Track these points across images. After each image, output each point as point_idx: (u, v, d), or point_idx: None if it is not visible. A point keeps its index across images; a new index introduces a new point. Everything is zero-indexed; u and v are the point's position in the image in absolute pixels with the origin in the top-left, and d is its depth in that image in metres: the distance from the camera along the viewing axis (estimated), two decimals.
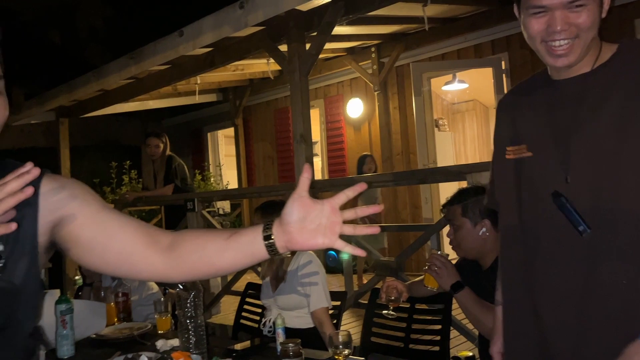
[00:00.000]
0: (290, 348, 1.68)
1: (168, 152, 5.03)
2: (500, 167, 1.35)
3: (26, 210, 0.89)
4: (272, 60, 5.39)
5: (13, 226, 0.76)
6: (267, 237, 0.92)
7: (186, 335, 1.97)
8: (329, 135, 6.78)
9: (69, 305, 2.33)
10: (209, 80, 6.33)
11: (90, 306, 2.58)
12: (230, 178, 8.48)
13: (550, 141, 1.22)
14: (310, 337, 2.40)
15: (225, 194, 5.77)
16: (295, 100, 3.63)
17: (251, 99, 7.67)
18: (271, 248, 0.92)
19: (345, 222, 0.91)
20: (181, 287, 1.96)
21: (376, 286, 2.93)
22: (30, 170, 0.74)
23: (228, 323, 4.00)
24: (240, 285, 4.36)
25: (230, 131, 8.12)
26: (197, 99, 6.64)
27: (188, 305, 1.95)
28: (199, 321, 2.00)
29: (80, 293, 3.84)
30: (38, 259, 0.92)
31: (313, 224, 0.90)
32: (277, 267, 2.59)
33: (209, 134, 8.95)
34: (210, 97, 7.65)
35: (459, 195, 2.04)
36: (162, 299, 2.70)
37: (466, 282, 1.98)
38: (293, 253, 2.61)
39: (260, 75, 6.74)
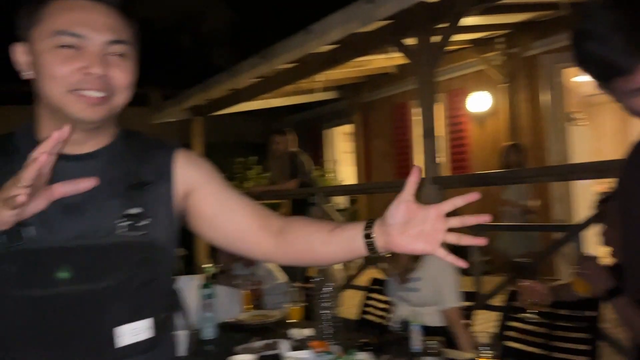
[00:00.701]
0: (432, 346, 1.64)
1: (293, 148, 5.19)
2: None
3: (163, 178, 0.99)
4: (393, 55, 5.34)
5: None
6: (367, 236, 0.94)
7: (324, 326, 2.01)
8: (451, 130, 6.57)
9: (212, 290, 2.48)
10: (330, 77, 6.42)
11: (229, 292, 2.72)
12: (346, 175, 8.57)
13: None
14: (440, 336, 2.33)
15: (347, 189, 5.82)
16: (422, 94, 3.56)
17: (369, 96, 7.66)
18: (370, 247, 0.94)
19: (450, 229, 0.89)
20: (320, 277, 2.00)
21: (512, 288, 2.77)
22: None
23: (349, 317, 4.02)
24: (361, 280, 4.38)
25: (347, 128, 8.18)
26: (318, 96, 6.77)
27: (326, 295, 1.99)
28: (336, 312, 2.02)
29: (214, 279, 4.10)
30: (174, 223, 1.00)
31: (415, 228, 0.90)
32: (407, 263, 2.55)
33: (327, 131, 9.10)
34: (329, 95, 7.77)
35: None
36: (294, 289, 2.79)
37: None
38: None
39: (379, 71, 6.71)
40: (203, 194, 1.03)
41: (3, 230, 0.81)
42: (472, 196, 0.89)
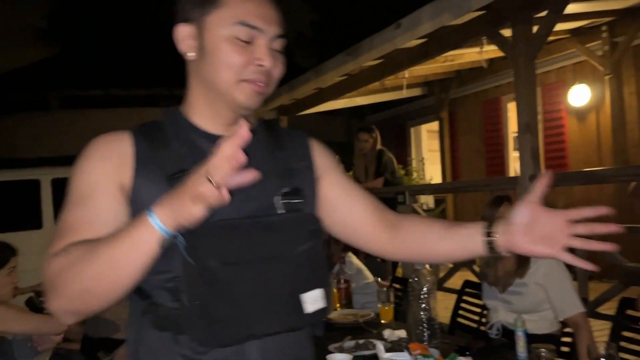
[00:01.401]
0: (544, 354, 1.51)
1: (379, 146, 5.12)
2: None
3: (305, 162, 1.06)
4: (485, 49, 5.11)
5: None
6: (488, 234, 0.94)
7: (420, 328, 1.93)
8: (547, 126, 6.19)
9: None
10: (416, 73, 6.27)
11: None
12: (433, 173, 8.35)
13: None
14: (547, 343, 2.18)
15: (437, 188, 5.65)
16: (521, 87, 3.35)
17: (457, 91, 7.41)
18: (490, 245, 0.94)
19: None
20: (416, 278, 1.93)
21: (625, 295, 2.54)
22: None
23: (441, 320, 3.90)
24: (453, 282, 4.23)
25: (434, 125, 7.97)
26: (403, 93, 6.64)
27: (422, 297, 1.91)
28: (433, 314, 1.94)
29: None
30: (317, 204, 1.06)
31: (540, 231, 0.90)
32: (512, 268, 2.41)
33: (412, 129, 8.92)
34: (416, 92, 7.60)
35: None
36: (385, 288, 2.72)
37: None
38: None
39: (469, 66, 6.46)
40: (330, 181, 1.08)
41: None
42: (602, 210, 0.86)
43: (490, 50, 5.20)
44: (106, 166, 0.93)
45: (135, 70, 11.94)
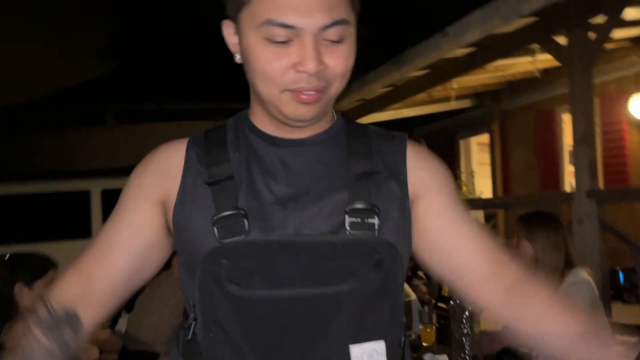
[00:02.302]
0: None
1: None
2: None
3: (394, 173, 0.83)
4: (538, 57, 4.89)
5: None
6: None
7: (462, 355, 1.80)
8: (605, 139, 5.85)
9: None
10: (465, 84, 6.09)
11: None
12: (483, 187, 8.07)
13: None
14: None
15: (486, 203, 5.43)
16: (576, 96, 3.16)
17: (509, 103, 7.15)
18: None
19: None
20: (457, 301, 1.80)
21: None
22: None
23: None
24: None
25: (484, 138, 7.71)
26: (453, 104, 6.46)
27: (464, 321, 1.78)
28: (476, 339, 1.80)
29: None
30: (408, 227, 0.83)
31: None
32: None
33: (461, 142, 8.68)
34: (465, 103, 7.39)
35: None
36: (426, 308, 2.59)
37: None
38: None
39: (521, 76, 6.21)
40: (431, 205, 0.84)
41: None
42: None
43: (544, 60, 4.97)
44: (147, 178, 0.85)
45: (187, 85, 12.29)
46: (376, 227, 0.77)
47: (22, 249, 5.25)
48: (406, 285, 3.30)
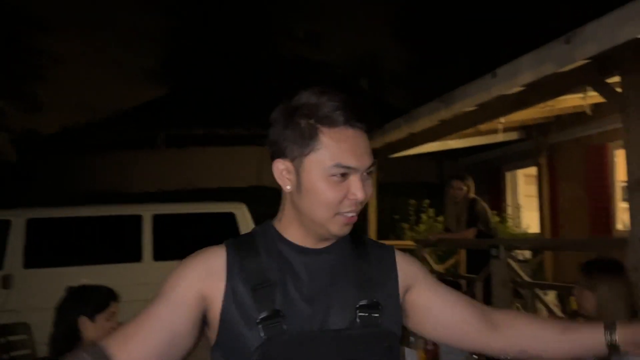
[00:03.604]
0: None
1: (472, 195, 4.94)
2: None
3: (390, 275, 1.09)
4: (589, 94, 4.81)
5: None
6: (611, 336, 1.00)
7: None
8: None
9: None
10: (513, 118, 6.02)
11: (407, 353, 2.60)
12: (530, 220, 7.90)
13: None
14: None
15: (534, 244, 5.31)
16: (631, 140, 3.10)
17: (558, 136, 7.02)
18: (613, 347, 1.00)
19: None
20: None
21: None
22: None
23: None
24: None
25: (531, 170, 7.57)
26: (500, 137, 6.39)
27: None
28: None
29: None
30: (400, 318, 1.09)
31: None
32: None
33: (507, 173, 8.54)
34: (511, 136, 7.29)
35: None
36: (474, 355, 2.56)
37: None
38: None
39: (570, 111, 6.11)
40: (422, 288, 1.11)
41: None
42: None
43: (595, 95, 4.89)
44: (191, 275, 1.00)
45: (236, 111, 12.59)
46: (379, 320, 1.00)
47: (75, 271, 5.49)
48: None
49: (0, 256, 5.41)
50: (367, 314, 1.00)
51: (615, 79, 3.40)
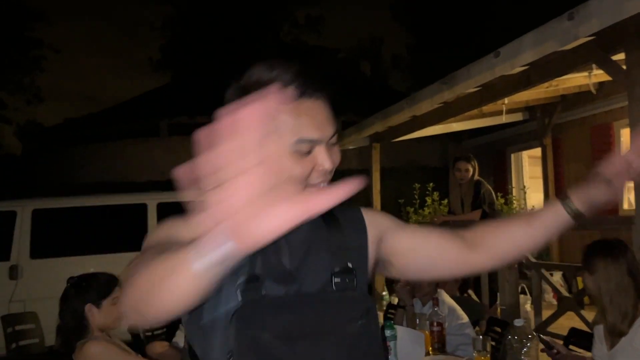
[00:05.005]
0: None
1: (476, 176, 4.92)
2: None
3: (360, 235, 1.09)
4: (594, 73, 4.76)
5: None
6: (567, 202, 1.05)
7: None
8: None
9: (394, 332, 2.39)
10: (517, 99, 5.98)
11: (411, 334, 2.60)
12: (535, 202, 7.87)
13: None
14: None
15: None
16: (637, 117, 3.06)
17: (562, 116, 6.96)
18: (571, 209, 1.04)
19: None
20: (515, 337, 1.79)
21: None
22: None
23: None
24: (557, 326, 3.92)
25: (536, 152, 7.52)
26: (504, 119, 6.35)
27: (522, 356, 1.77)
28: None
29: (391, 311, 4.01)
30: (368, 276, 1.09)
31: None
32: (621, 318, 2.18)
33: (512, 155, 8.50)
34: (516, 117, 7.24)
35: None
36: (480, 336, 2.57)
37: None
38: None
39: (575, 90, 6.04)
40: (396, 234, 1.12)
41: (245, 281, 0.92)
42: None
43: (600, 74, 4.83)
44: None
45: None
46: (354, 284, 1.00)
47: (81, 261, 5.52)
48: (459, 307, 3.28)
49: (7, 247, 5.44)
50: (341, 280, 1.00)
51: (620, 56, 3.36)
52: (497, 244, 1.11)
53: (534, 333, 1.83)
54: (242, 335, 0.89)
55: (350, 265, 1.02)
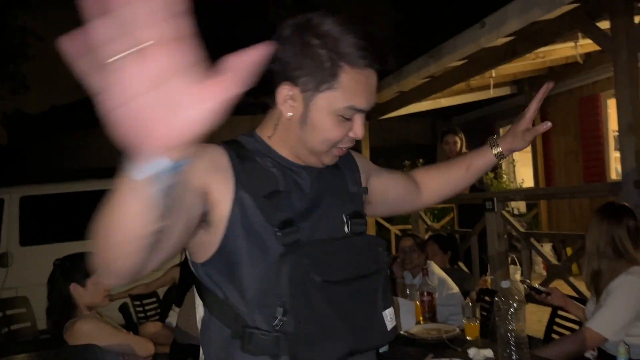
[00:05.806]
0: None
1: (464, 149, 4.92)
2: None
3: (358, 184, 1.14)
4: (581, 43, 4.75)
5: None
6: (498, 155, 1.29)
7: (508, 351, 1.80)
8: None
9: None
10: (504, 72, 5.96)
11: (402, 304, 2.62)
12: (524, 176, 7.92)
13: None
14: None
15: (528, 194, 5.33)
16: (622, 83, 3.06)
17: (550, 89, 6.96)
18: (500, 156, 1.29)
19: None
20: (502, 298, 1.80)
21: None
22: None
23: (533, 335, 3.65)
24: None
25: None
26: (492, 93, 6.34)
27: (509, 317, 1.78)
28: (522, 335, 1.80)
29: None
30: (364, 209, 1.15)
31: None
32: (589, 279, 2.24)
33: (501, 130, 8.52)
34: (504, 91, 7.24)
35: None
36: (470, 303, 2.59)
37: None
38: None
39: (562, 62, 6.04)
40: (376, 176, 1.23)
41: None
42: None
43: (587, 44, 4.83)
44: (197, 164, 0.89)
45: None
46: (364, 225, 1.08)
47: (71, 246, 5.47)
48: (449, 278, 3.30)
49: None
50: (355, 223, 1.06)
51: (606, 24, 3.34)
52: (438, 187, 1.31)
53: (523, 283, 1.86)
54: (294, 280, 0.91)
55: (359, 210, 1.09)
